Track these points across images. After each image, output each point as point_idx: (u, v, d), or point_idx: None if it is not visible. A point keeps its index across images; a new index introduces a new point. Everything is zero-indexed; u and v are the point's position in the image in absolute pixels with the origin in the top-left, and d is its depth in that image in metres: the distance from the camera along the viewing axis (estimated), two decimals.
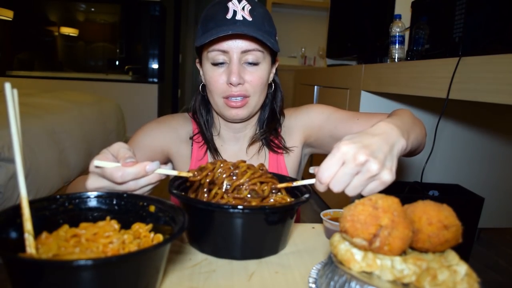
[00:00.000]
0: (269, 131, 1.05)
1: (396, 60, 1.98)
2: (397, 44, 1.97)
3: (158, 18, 5.14)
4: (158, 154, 1.03)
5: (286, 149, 1.07)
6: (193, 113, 1.08)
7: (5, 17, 4.87)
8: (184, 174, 0.69)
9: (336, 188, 0.59)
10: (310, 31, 4.63)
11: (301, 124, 1.09)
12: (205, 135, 1.04)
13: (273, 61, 1.02)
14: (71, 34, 5.64)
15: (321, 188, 0.60)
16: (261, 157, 1.07)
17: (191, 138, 1.06)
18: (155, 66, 5.21)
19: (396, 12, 2.18)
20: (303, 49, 4.60)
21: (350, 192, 0.60)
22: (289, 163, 1.08)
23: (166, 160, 1.07)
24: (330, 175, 0.58)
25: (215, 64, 0.94)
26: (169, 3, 5.87)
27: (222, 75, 0.93)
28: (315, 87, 2.99)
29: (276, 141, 1.06)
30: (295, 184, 0.70)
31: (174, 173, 0.66)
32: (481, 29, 1.50)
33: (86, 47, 5.72)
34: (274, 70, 1.05)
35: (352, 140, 0.60)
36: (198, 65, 1.05)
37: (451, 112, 2.15)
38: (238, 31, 0.86)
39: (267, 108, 1.07)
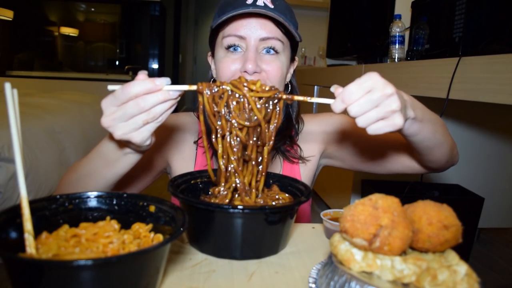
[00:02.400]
0: (283, 138, 0.96)
1: (396, 60, 1.98)
2: (397, 44, 1.97)
3: (158, 18, 5.14)
4: (156, 156, 0.95)
5: (302, 159, 1.00)
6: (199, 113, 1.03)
7: (5, 17, 4.87)
8: (193, 88, 0.66)
9: (354, 111, 0.59)
10: (310, 31, 4.62)
11: (322, 131, 1.02)
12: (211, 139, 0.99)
13: (292, 59, 0.95)
14: (71, 34, 5.63)
15: (339, 107, 0.60)
16: (275, 166, 1.00)
17: (195, 142, 0.99)
18: (155, 66, 5.21)
19: (396, 12, 2.18)
20: (303, 49, 4.60)
21: (361, 121, 0.60)
22: (304, 173, 1.01)
23: (165, 165, 1.00)
24: (356, 97, 0.58)
25: (230, 50, 0.86)
26: (169, 3, 5.86)
27: (236, 62, 0.85)
28: (315, 87, 2.98)
29: (291, 151, 0.99)
30: (311, 100, 0.66)
31: (184, 87, 0.63)
32: (481, 29, 1.50)
33: (86, 47, 5.72)
34: (291, 70, 0.97)
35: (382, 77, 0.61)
36: (209, 59, 0.97)
37: (451, 112, 2.15)
38: (260, 11, 0.80)
39: (282, 113, 1.01)
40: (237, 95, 0.67)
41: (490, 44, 1.43)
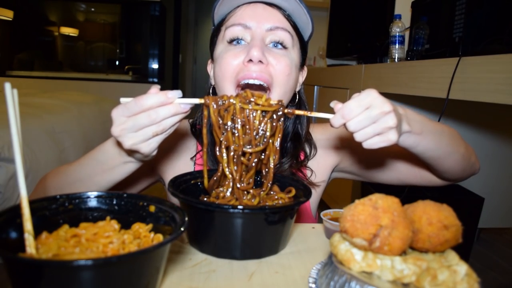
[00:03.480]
0: (291, 160, 0.89)
1: (396, 60, 1.98)
2: (397, 44, 1.97)
3: (158, 18, 5.14)
4: (150, 168, 0.90)
5: (312, 184, 0.93)
6: (192, 126, 0.93)
7: (5, 17, 4.87)
8: (203, 101, 0.68)
9: (352, 127, 0.61)
10: None
11: (335, 145, 0.96)
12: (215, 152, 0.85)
13: (302, 65, 0.89)
14: (71, 34, 5.64)
15: (338, 122, 0.62)
16: None
17: (192, 158, 0.93)
18: (155, 66, 5.21)
19: (396, 12, 2.18)
20: None
21: (359, 136, 0.62)
22: (313, 196, 0.94)
23: (158, 177, 0.96)
24: (355, 114, 0.61)
25: (232, 43, 0.79)
26: (169, 3, 5.86)
27: (238, 55, 0.77)
28: (315, 87, 2.99)
29: (299, 174, 0.93)
30: (311, 114, 0.69)
31: (195, 101, 0.64)
32: (481, 29, 1.50)
33: (86, 47, 5.72)
34: (301, 80, 0.91)
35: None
36: (209, 67, 0.91)
37: (451, 112, 2.15)
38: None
39: (290, 127, 0.89)
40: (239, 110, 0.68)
41: (490, 44, 1.43)
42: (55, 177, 0.78)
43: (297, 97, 0.90)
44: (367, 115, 0.60)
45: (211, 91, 0.89)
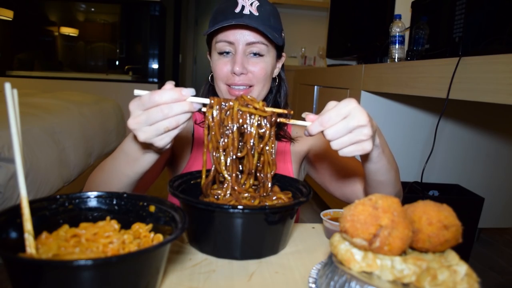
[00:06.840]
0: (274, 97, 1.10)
1: (396, 60, 1.98)
2: (397, 44, 1.97)
3: (158, 18, 5.14)
4: (164, 155, 1.01)
5: (291, 139, 1.10)
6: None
7: (5, 17, 4.87)
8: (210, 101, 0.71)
9: (330, 135, 0.65)
10: (310, 31, 4.62)
11: (311, 139, 1.09)
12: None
13: (279, 56, 1.05)
14: (71, 34, 5.63)
15: (316, 129, 0.66)
16: None
17: (200, 114, 1.08)
18: (155, 66, 5.21)
19: (396, 12, 2.18)
20: (303, 49, 4.59)
21: (335, 145, 0.65)
22: (294, 152, 1.11)
23: (169, 157, 1.07)
24: (333, 122, 0.64)
25: (222, 54, 0.98)
26: (169, 3, 5.86)
27: (227, 64, 0.98)
28: (315, 87, 2.98)
29: (281, 132, 1.09)
30: (291, 122, 0.71)
31: (206, 101, 0.68)
32: (481, 29, 1.50)
33: (86, 47, 5.71)
34: (279, 65, 1.08)
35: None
36: (208, 56, 1.08)
37: (451, 112, 2.15)
38: (242, 22, 0.89)
39: (270, 101, 1.10)
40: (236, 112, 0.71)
41: (490, 44, 1.43)
42: (96, 175, 0.82)
43: (277, 79, 1.09)
44: (345, 125, 0.64)
45: (210, 78, 1.08)
